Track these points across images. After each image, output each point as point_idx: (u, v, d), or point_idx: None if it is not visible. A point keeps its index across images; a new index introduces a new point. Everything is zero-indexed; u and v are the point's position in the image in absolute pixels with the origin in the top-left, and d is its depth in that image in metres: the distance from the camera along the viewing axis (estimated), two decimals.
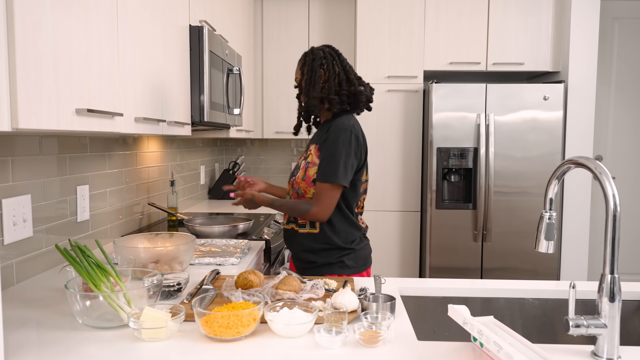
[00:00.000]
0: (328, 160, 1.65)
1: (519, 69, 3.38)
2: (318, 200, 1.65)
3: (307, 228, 1.74)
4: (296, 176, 1.77)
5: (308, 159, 1.75)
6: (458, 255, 3.26)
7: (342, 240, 1.72)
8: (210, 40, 2.11)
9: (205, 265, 1.71)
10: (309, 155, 1.76)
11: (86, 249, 1.19)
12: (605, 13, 3.76)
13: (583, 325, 0.98)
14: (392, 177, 3.46)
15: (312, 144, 1.78)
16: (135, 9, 1.54)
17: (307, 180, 1.71)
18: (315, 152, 1.73)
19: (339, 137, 1.65)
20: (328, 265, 1.72)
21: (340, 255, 1.72)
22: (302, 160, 1.80)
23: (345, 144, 1.64)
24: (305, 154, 1.80)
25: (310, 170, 1.71)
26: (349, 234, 1.73)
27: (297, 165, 1.83)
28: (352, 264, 1.73)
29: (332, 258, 1.72)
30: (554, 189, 1.12)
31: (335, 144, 1.65)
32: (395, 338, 1.09)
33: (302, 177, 1.73)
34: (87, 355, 0.99)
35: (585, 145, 3.27)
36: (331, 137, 1.67)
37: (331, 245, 1.72)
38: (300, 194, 1.74)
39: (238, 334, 1.05)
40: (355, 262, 1.74)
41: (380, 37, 3.39)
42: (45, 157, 1.61)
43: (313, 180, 1.69)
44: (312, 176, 1.70)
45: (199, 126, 2.35)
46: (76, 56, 1.18)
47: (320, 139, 1.74)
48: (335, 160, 1.64)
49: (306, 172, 1.72)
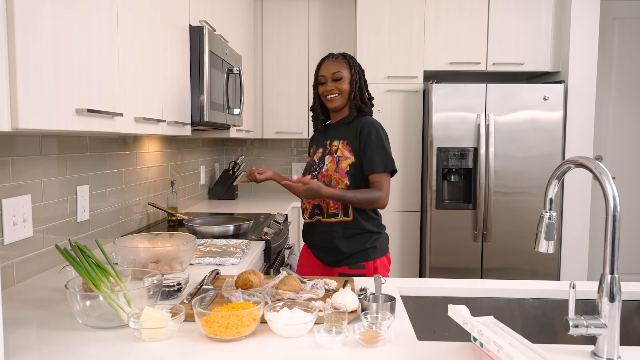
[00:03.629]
0: (379, 152, 1.84)
1: (519, 69, 3.38)
2: (382, 187, 1.84)
3: (340, 216, 1.88)
4: (322, 169, 1.90)
5: (337, 153, 1.89)
6: (458, 255, 3.26)
7: (372, 225, 1.89)
8: (210, 40, 2.11)
9: (205, 265, 1.71)
10: (337, 149, 1.90)
11: (86, 249, 1.19)
12: (605, 13, 3.76)
13: (583, 325, 0.98)
14: (392, 177, 3.45)
15: (336, 139, 1.92)
16: (135, 9, 1.54)
17: (340, 172, 1.86)
18: (345, 147, 1.88)
19: (379, 132, 1.86)
20: (363, 252, 1.87)
21: (373, 240, 1.88)
22: (321, 155, 1.93)
23: (385, 138, 1.88)
24: (326, 150, 1.93)
25: (343, 162, 1.87)
26: (375, 219, 1.92)
27: (313, 162, 1.97)
28: (381, 247, 1.90)
29: (366, 243, 1.87)
30: (554, 189, 1.12)
31: (379, 138, 1.85)
32: (395, 338, 1.09)
33: (335, 169, 1.86)
34: (87, 355, 0.99)
35: (585, 145, 3.27)
36: (372, 133, 1.85)
37: (364, 230, 1.88)
38: (331, 185, 1.86)
39: (238, 334, 1.05)
40: (382, 245, 1.91)
41: (380, 37, 3.39)
42: (45, 157, 1.61)
43: (347, 172, 1.85)
44: (345, 168, 1.86)
45: (199, 126, 2.35)
46: (76, 56, 1.18)
47: (348, 135, 1.89)
48: (385, 151, 1.85)
49: (338, 165, 1.87)
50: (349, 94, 1.92)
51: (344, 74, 1.91)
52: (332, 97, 1.92)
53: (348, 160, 1.87)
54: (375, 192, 1.84)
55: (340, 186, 1.86)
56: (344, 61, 1.93)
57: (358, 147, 1.87)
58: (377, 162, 1.84)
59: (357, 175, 1.87)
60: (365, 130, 1.86)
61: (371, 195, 1.83)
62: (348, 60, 1.93)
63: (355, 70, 1.93)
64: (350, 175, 1.86)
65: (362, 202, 1.83)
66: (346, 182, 1.86)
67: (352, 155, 1.87)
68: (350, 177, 1.86)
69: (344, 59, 1.94)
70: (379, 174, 1.84)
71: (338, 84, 1.91)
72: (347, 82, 1.91)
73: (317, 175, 1.91)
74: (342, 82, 1.90)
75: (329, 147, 1.93)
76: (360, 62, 3.53)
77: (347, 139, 1.90)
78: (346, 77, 1.91)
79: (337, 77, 1.90)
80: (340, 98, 1.92)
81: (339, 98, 1.92)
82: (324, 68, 1.94)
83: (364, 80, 1.95)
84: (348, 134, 1.90)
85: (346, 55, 1.96)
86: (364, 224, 1.88)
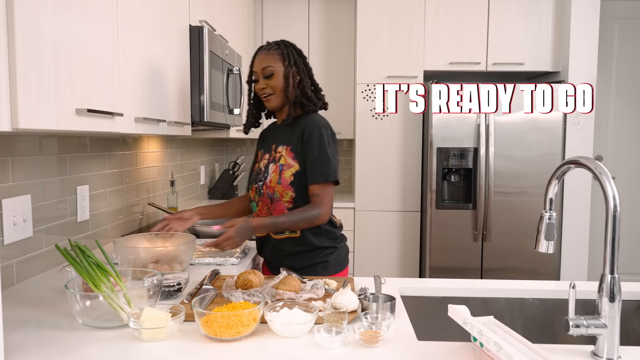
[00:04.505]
0: (320, 160, 1.60)
1: (519, 69, 3.38)
2: (322, 202, 1.60)
3: (287, 233, 1.67)
4: (266, 180, 1.67)
5: (280, 162, 1.65)
6: (458, 255, 3.26)
7: (322, 240, 1.69)
8: (210, 40, 2.11)
9: (205, 265, 1.71)
10: (280, 156, 1.66)
11: (86, 249, 1.19)
12: (605, 13, 3.76)
13: (583, 325, 0.98)
14: (392, 177, 3.45)
15: (280, 144, 1.68)
16: (135, 9, 1.54)
17: (283, 183, 1.63)
18: (289, 153, 1.64)
19: (322, 135, 1.61)
20: (311, 267, 1.68)
21: (324, 255, 1.69)
22: (267, 163, 1.70)
23: (329, 141, 1.62)
24: (271, 156, 1.70)
25: (286, 172, 1.63)
26: (329, 232, 1.70)
27: (259, 169, 1.73)
28: (336, 263, 1.71)
29: (315, 259, 1.68)
30: (554, 189, 1.12)
31: (321, 143, 1.60)
32: (395, 338, 1.09)
33: (278, 181, 1.64)
34: (87, 355, 0.99)
35: (585, 145, 3.27)
36: (314, 136, 1.60)
37: (313, 246, 1.68)
38: (275, 198, 1.65)
39: (238, 334, 1.05)
40: (338, 261, 1.72)
41: (380, 37, 3.39)
42: (45, 157, 1.61)
43: (291, 183, 1.63)
44: (288, 178, 1.63)
45: (199, 126, 2.35)
46: (76, 56, 1.18)
47: (291, 139, 1.66)
48: (327, 157, 1.60)
49: (281, 175, 1.64)
50: (283, 91, 1.65)
51: (276, 67, 1.64)
52: (266, 98, 1.68)
53: (292, 169, 1.63)
54: (312, 209, 1.59)
55: (285, 199, 1.64)
56: (276, 52, 1.65)
57: (301, 153, 1.63)
58: (317, 171, 1.59)
59: (304, 186, 1.63)
60: (307, 132, 1.61)
61: (308, 214, 1.59)
62: (282, 50, 1.66)
63: (291, 61, 1.64)
64: (295, 185, 1.63)
65: (300, 224, 1.61)
66: (291, 194, 1.63)
67: (296, 162, 1.63)
68: (295, 189, 1.63)
69: (277, 49, 1.66)
70: (319, 185, 1.60)
71: (270, 81, 1.65)
72: (280, 77, 1.64)
73: (262, 187, 1.68)
74: (274, 78, 1.64)
75: (274, 154, 1.70)
76: (360, 62, 3.52)
77: (291, 144, 1.66)
78: (279, 71, 1.64)
79: (267, 74, 1.65)
80: (276, 97, 1.66)
81: (274, 97, 1.67)
82: (255, 63, 1.68)
83: (305, 72, 1.68)
84: (291, 137, 1.66)
85: (280, 43, 1.68)
86: (313, 240, 1.67)
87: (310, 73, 1.71)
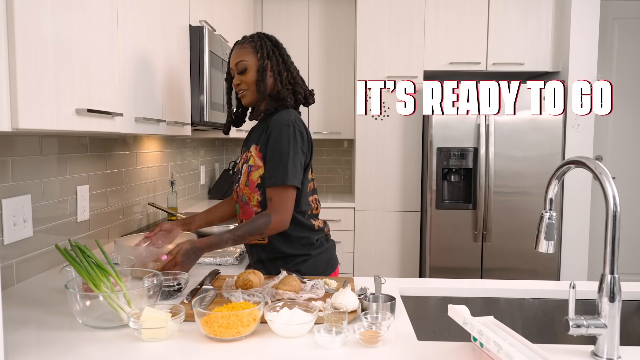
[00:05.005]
0: (275, 161, 1.47)
1: (519, 69, 3.38)
2: (275, 208, 1.47)
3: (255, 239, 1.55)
4: (239, 182, 1.59)
5: (249, 162, 1.56)
6: (458, 255, 3.26)
7: (295, 247, 1.57)
8: (210, 40, 2.11)
9: (205, 265, 1.71)
10: (250, 157, 1.56)
11: (86, 249, 1.19)
12: (605, 13, 3.76)
13: (583, 325, 0.98)
14: (392, 177, 3.46)
15: (252, 144, 1.59)
16: (135, 9, 1.54)
17: (250, 186, 1.54)
18: (257, 154, 1.54)
19: (282, 133, 1.48)
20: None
21: (297, 263, 1.57)
22: (242, 163, 1.61)
23: (290, 140, 1.48)
24: (245, 156, 1.61)
25: (254, 174, 1.54)
26: (302, 239, 1.57)
27: (238, 170, 1.64)
28: (311, 271, 1.58)
29: (288, 266, 1.56)
30: (554, 189, 1.12)
31: (279, 142, 1.47)
32: (395, 338, 1.09)
33: (245, 183, 1.55)
34: (87, 355, 0.99)
35: (585, 145, 3.27)
36: (273, 134, 1.48)
37: (282, 254, 1.57)
38: (244, 201, 1.57)
39: (238, 334, 1.05)
40: (313, 269, 1.58)
41: (380, 37, 3.39)
42: (45, 157, 1.61)
43: (257, 185, 1.53)
44: (255, 181, 1.53)
45: (199, 126, 2.35)
46: (76, 56, 1.18)
47: (260, 138, 1.56)
48: (283, 159, 1.46)
49: (249, 177, 1.55)
50: (256, 85, 1.55)
51: (249, 61, 1.55)
52: (241, 94, 1.58)
53: (259, 170, 1.53)
54: (261, 217, 1.46)
55: (252, 202, 1.55)
56: (250, 45, 1.56)
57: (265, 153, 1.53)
58: (269, 174, 1.48)
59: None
60: (273, 131, 1.49)
61: (254, 224, 1.46)
62: (255, 43, 1.56)
63: (264, 54, 1.54)
64: (262, 188, 1.53)
65: (247, 237, 1.47)
66: (257, 197, 1.54)
67: (263, 163, 1.53)
68: (261, 192, 1.53)
69: (250, 41, 1.57)
70: (272, 189, 1.48)
71: (244, 77, 1.56)
72: (253, 71, 1.55)
73: (237, 188, 1.61)
74: (247, 73, 1.55)
75: (248, 154, 1.59)
76: (360, 62, 3.52)
77: (259, 144, 1.55)
78: (252, 64, 1.55)
79: (241, 69, 1.56)
80: (250, 93, 1.57)
81: (248, 93, 1.57)
82: (231, 58, 1.60)
83: (280, 64, 1.57)
84: (261, 136, 1.55)
85: (255, 36, 1.58)
86: (282, 248, 1.55)
87: (287, 65, 1.59)
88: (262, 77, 1.54)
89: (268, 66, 1.56)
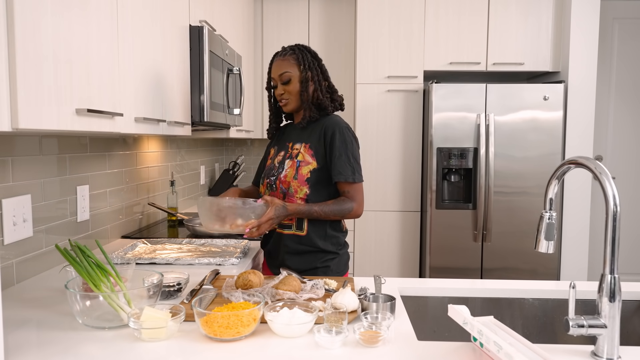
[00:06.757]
0: (344, 160, 1.64)
1: (519, 69, 3.38)
2: (355, 197, 1.65)
3: (293, 229, 1.68)
4: (280, 175, 1.69)
5: (298, 158, 1.68)
6: (458, 255, 3.26)
7: (327, 244, 1.68)
8: (210, 40, 2.11)
9: (205, 265, 1.71)
10: (298, 153, 1.69)
11: (86, 249, 1.19)
12: (605, 13, 3.76)
13: (583, 325, 0.98)
14: (392, 177, 3.46)
15: (298, 142, 1.72)
16: (135, 9, 1.54)
17: (299, 179, 1.66)
18: (307, 151, 1.68)
19: (346, 136, 1.67)
20: (312, 271, 1.67)
21: (325, 260, 1.68)
22: (282, 159, 1.73)
23: (352, 142, 1.68)
24: (287, 153, 1.73)
25: (303, 169, 1.66)
26: (334, 237, 1.70)
27: (272, 165, 1.75)
28: (336, 269, 1.70)
29: (317, 262, 1.67)
30: (554, 189, 1.12)
31: (346, 143, 1.66)
32: (395, 338, 1.09)
33: (294, 176, 1.66)
34: (87, 355, 0.99)
35: (585, 145, 3.27)
36: (337, 136, 1.65)
37: (316, 249, 1.67)
38: (289, 193, 1.66)
39: (238, 334, 1.05)
40: (338, 267, 1.71)
41: (380, 37, 3.39)
42: (45, 157, 1.61)
43: (307, 179, 1.66)
44: (305, 175, 1.66)
45: (199, 126, 2.35)
46: (76, 56, 1.18)
47: (311, 138, 1.70)
48: (354, 158, 1.66)
49: (298, 171, 1.66)
50: (299, 95, 1.69)
51: (292, 72, 1.68)
52: (284, 102, 1.72)
53: (309, 166, 1.66)
54: (347, 202, 1.64)
55: (299, 195, 1.66)
56: (292, 57, 1.69)
57: (323, 152, 1.67)
58: (346, 172, 1.64)
59: (320, 183, 1.67)
60: (330, 132, 1.66)
61: (342, 206, 1.63)
62: (297, 55, 1.69)
63: (306, 65, 1.68)
64: (311, 183, 1.66)
65: (332, 215, 1.63)
66: (306, 190, 1.66)
67: (314, 160, 1.67)
68: (311, 185, 1.66)
69: (292, 54, 1.70)
70: (349, 184, 1.65)
71: (287, 87, 1.69)
72: (296, 82, 1.69)
73: (275, 181, 1.70)
74: (291, 84, 1.69)
75: (290, 151, 1.73)
76: (360, 62, 3.53)
77: (309, 142, 1.70)
78: (295, 75, 1.68)
79: (285, 80, 1.69)
80: (293, 101, 1.71)
81: (291, 101, 1.71)
82: (273, 69, 1.73)
83: (319, 74, 1.71)
84: (310, 136, 1.70)
85: (295, 48, 1.72)
86: (318, 242, 1.67)
87: (325, 75, 1.75)
88: (304, 88, 1.69)
89: (309, 77, 1.69)
